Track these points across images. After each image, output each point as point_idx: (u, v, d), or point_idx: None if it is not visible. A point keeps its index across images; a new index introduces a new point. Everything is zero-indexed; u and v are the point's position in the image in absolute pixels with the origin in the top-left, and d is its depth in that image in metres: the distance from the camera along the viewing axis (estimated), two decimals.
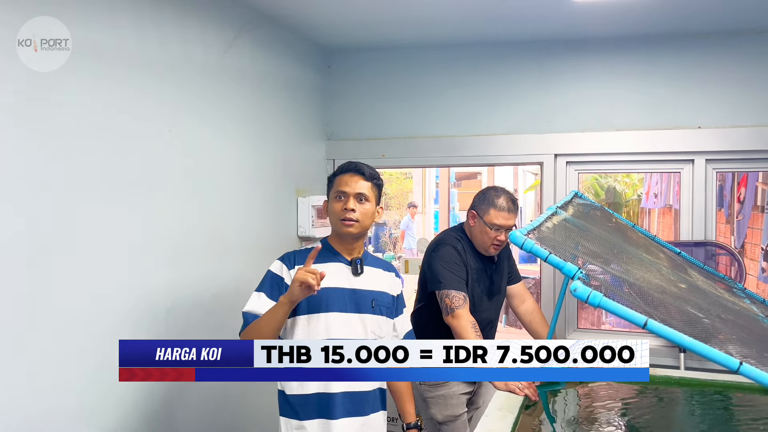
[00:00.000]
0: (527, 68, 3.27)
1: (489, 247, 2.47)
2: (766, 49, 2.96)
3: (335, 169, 2.04)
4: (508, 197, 2.47)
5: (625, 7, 2.69)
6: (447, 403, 2.50)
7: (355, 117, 3.53)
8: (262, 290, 1.92)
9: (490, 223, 2.42)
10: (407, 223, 9.62)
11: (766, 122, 2.96)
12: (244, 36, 2.68)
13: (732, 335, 1.47)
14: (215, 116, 2.51)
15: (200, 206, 2.42)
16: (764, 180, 5.06)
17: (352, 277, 1.96)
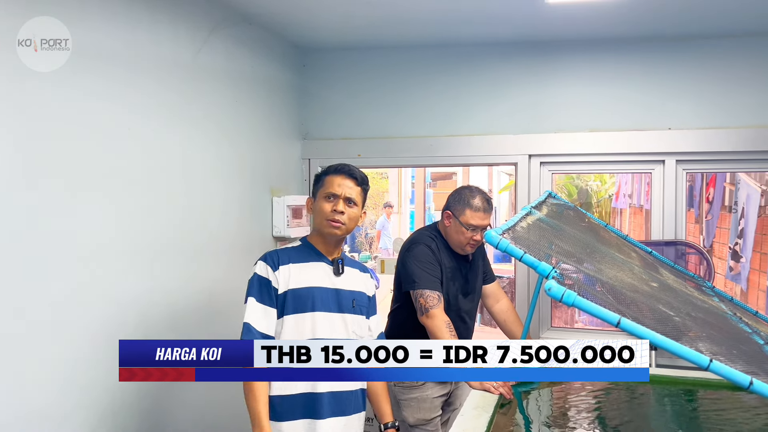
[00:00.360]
0: (502, 69, 3.29)
1: (465, 246, 2.47)
2: (733, 53, 3.03)
3: (325, 168, 2.04)
4: (483, 197, 2.48)
5: (597, 10, 2.73)
6: (420, 406, 2.50)
7: (331, 116, 3.52)
8: (253, 295, 1.91)
9: (465, 223, 2.43)
10: (383, 223, 9.62)
11: (733, 124, 3.02)
12: (217, 34, 2.65)
13: (702, 333, 1.50)
14: (188, 116, 2.47)
15: (172, 207, 2.38)
16: (731, 180, 5.17)
17: (334, 278, 1.98)
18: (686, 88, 3.08)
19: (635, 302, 1.60)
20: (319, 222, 1.96)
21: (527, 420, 2.15)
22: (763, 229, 4.68)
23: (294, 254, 1.95)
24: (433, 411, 2.51)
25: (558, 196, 2.95)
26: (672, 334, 1.35)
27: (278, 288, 1.90)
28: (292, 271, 1.91)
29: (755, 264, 4.81)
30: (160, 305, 2.29)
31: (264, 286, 1.90)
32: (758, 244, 4.74)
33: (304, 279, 1.92)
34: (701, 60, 3.07)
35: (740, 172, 4.69)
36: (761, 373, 1.33)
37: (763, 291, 4.65)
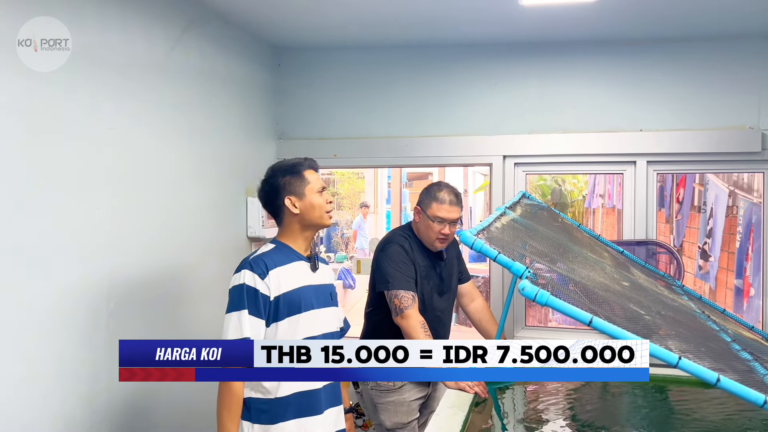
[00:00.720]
0: (477, 70, 3.32)
1: (434, 241, 2.46)
2: (702, 56, 3.09)
3: (296, 163, 1.98)
4: (450, 190, 2.48)
5: (570, 13, 2.76)
6: (396, 410, 2.48)
7: (306, 116, 3.51)
8: (246, 308, 1.82)
9: (432, 216, 2.43)
10: (359, 223, 9.61)
11: (702, 126, 3.09)
12: (191, 33, 2.62)
13: (671, 331, 1.53)
14: (161, 115, 2.45)
15: (145, 206, 2.35)
16: (701, 181, 5.28)
17: (311, 274, 1.98)
18: (657, 90, 3.14)
19: (607, 301, 1.62)
20: (319, 216, 1.96)
21: (502, 418, 2.17)
22: (730, 228, 4.79)
23: (276, 257, 1.92)
24: (410, 414, 2.50)
25: (532, 197, 2.98)
26: (642, 332, 1.37)
27: (269, 295, 1.85)
28: (280, 275, 1.88)
29: (723, 263, 4.92)
30: (132, 304, 2.26)
31: (253, 297, 1.83)
32: (726, 243, 4.85)
33: (292, 281, 1.91)
34: (672, 63, 3.13)
35: (708, 173, 4.79)
36: (728, 370, 1.36)
37: (731, 289, 4.76)
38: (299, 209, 1.95)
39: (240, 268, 1.88)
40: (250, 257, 1.91)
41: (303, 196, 1.95)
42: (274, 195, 1.96)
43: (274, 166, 2.01)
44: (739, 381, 1.28)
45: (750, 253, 4.34)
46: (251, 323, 1.80)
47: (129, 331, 2.22)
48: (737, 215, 4.64)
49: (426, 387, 2.55)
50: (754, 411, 2.06)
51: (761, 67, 3.03)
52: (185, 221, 2.61)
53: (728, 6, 2.64)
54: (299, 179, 1.96)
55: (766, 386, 1.42)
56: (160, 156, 2.45)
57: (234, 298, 1.84)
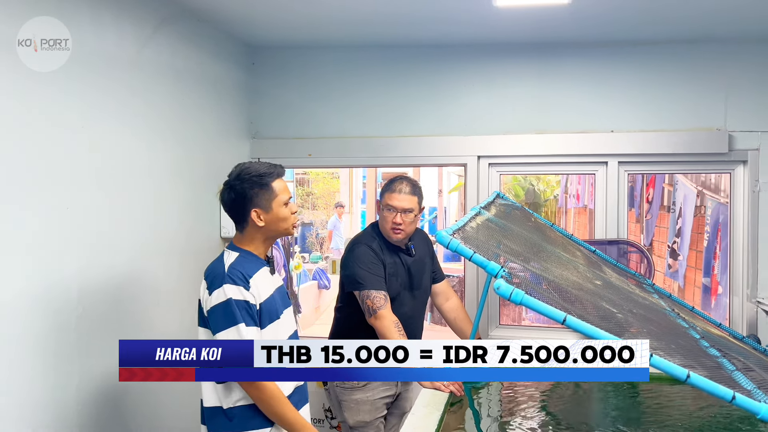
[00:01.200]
0: (453, 71, 3.33)
1: (390, 231, 2.46)
2: (672, 58, 3.15)
3: (264, 173, 1.93)
4: (404, 181, 2.49)
5: (544, 15, 2.79)
6: (359, 408, 2.48)
7: (281, 115, 3.49)
8: (241, 321, 1.78)
9: (385, 205, 2.45)
10: (335, 223, 9.58)
11: (671, 127, 3.15)
12: (163, 30, 2.58)
13: (643, 329, 1.55)
14: (132, 113, 2.41)
15: (114, 207, 2.31)
16: (670, 182, 5.38)
17: (271, 277, 1.98)
18: (628, 92, 3.19)
19: (580, 300, 1.64)
20: (285, 228, 1.95)
21: (476, 415, 2.18)
22: (698, 228, 4.89)
23: (248, 266, 1.88)
24: (373, 413, 2.49)
25: (506, 197, 3.00)
26: (615, 330, 1.39)
27: (256, 304, 1.84)
28: (258, 283, 1.86)
29: (691, 261, 5.03)
30: (102, 305, 2.23)
31: (245, 309, 1.80)
32: (694, 242, 4.96)
33: (266, 288, 1.90)
34: (642, 65, 3.18)
35: (677, 173, 4.89)
36: (698, 366, 1.39)
37: (699, 287, 4.86)
38: (265, 222, 1.91)
39: (218, 283, 1.80)
40: (223, 270, 1.83)
41: (270, 210, 1.91)
42: (239, 204, 1.91)
43: (242, 171, 1.92)
44: (708, 377, 1.31)
45: (717, 252, 4.44)
46: (252, 334, 1.77)
47: (99, 333, 2.19)
48: (705, 215, 4.74)
49: (394, 386, 2.55)
50: (721, 407, 2.12)
51: (728, 70, 3.10)
52: (157, 221, 2.57)
53: (697, 11, 2.70)
54: (267, 191, 1.91)
55: (734, 382, 1.46)
56: (131, 155, 2.41)
57: (224, 316, 1.78)
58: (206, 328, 1.86)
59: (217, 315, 1.78)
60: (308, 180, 10.59)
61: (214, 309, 1.79)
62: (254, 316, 1.81)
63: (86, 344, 2.13)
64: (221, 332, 1.77)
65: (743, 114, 3.09)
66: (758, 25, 2.88)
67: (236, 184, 1.90)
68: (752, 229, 3.09)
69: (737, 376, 1.51)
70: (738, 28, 2.95)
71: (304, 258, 8.60)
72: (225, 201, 1.94)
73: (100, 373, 2.19)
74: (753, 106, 3.08)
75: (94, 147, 2.19)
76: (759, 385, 1.44)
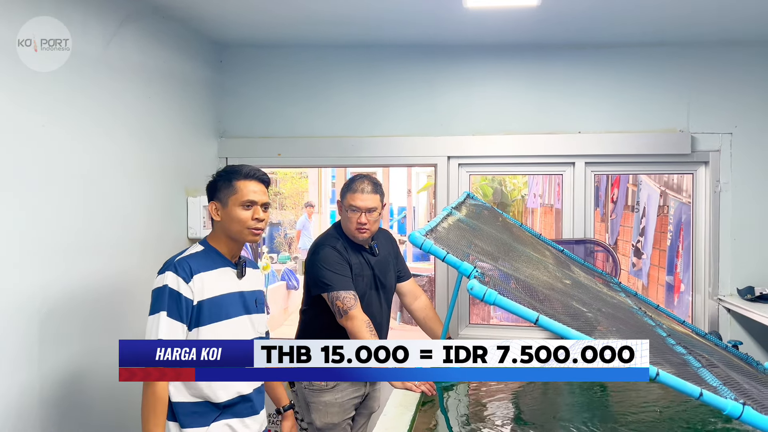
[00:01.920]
0: (422, 71, 3.34)
1: (354, 231, 2.44)
2: (637, 61, 3.21)
3: (230, 172, 1.94)
4: (365, 180, 2.46)
5: (513, 17, 2.82)
6: (327, 410, 2.47)
7: (249, 114, 3.45)
8: (164, 309, 1.78)
9: (347, 205, 2.43)
10: (303, 223, 9.51)
11: (636, 129, 3.21)
12: (129, 27, 2.53)
13: (612, 327, 1.58)
14: (97, 111, 2.35)
15: (79, 207, 2.26)
16: (634, 182, 5.50)
17: (237, 280, 1.95)
18: (595, 93, 3.25)
19: (550, 299, 1.66)
20: (238, 230, 1.91)
21: (446, 415, 2.19)
22: (661, 227, 5.00)
23: (202, 262, 1.87)
24: (341, 415, 2.48)
25: (476, 197, 3.02)
26: (585, 329, 1.40)
27: (192, 299, 1.82)
28: (204, 280, 1.85)
29: (655, 260, 5.14)
30: (67, 308, 2.17)
31: (175, 300, 1.79)
32: (657, 241, 5.07)
33: (216, 287, 1.88)
34: (609, 67, 3.24)
35: (642, 174, 4.99)
36: (665, 364, 1.41)
37: (662, 285, 4.98)
38: (221, 218, 1.91)
39: (164, 269, 1.84)
40: (176, 258, 1.86)
41: (226, 206, 1.90)
42: (208, 195, 1.97)
43: (227, 165, 2.01)
44: (676, 374, 1.33)
45: (680, 251, 4.55)
46: (168, 326, 1.78)
47: (65, 336, 2.14)
48: (668, 214, 4.85)
49: (363, 387, 2.54)
50: (687, 402, 2.17)
51: (690, 73, 3.18)
52: (123, 222, 2.52)
53: (662, 15, 2.76)
54: (228, 187, 1.91)
55: (700, 378, 1.49)
56: (96, 154, 2.35)
57: (156, 300, 1.81)
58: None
59: (152, 298, 1.82)
60: (276, 180, 10.49)
61: (152, 292, 1.83)
62: (183, 311, 1.79)
63: (50, 346, 2.08)
64: (150, 316, 1.80)
65: (705, 116, 3.17)
66: (720, 29, 2.96)
67: (213, 175, 1.97)
68: (714, 229, 3.17)
69: (703, 373, 1.55)
70: (700, 33, 3.02)
71: (273, 258, 8.53)
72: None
73: (64, 374, 2.14)
74: (714, 108, 3.16)
75: (58, 146, 2.14)
76: (724, 382, 1.48)
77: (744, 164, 3.15)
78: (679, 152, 3.16)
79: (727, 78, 3.15)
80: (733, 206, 3.15)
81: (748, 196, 3.14)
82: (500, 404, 2.29)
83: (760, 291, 2.95)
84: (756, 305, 2.87)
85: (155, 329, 1.77)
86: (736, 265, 3.14)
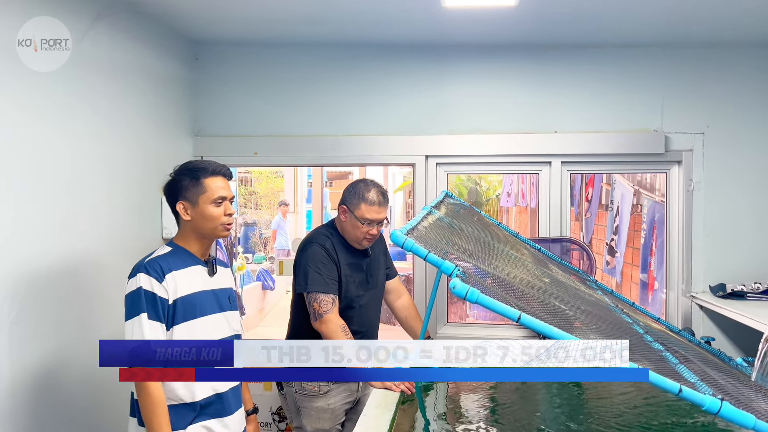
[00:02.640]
0: (401, 70, 3.33)
1: (362, 241, 2.42)
2: (613, 62, 3.25)
3: (195, 170, 1.91)
4: (378, 191, 2.42)
5: (491, 16, 2.82)
6: (319, 416, 2.43)
7: (226, 113, 3.41)
8: (144, 311, 1.77)
9: (361, 217, 2.37)
10: (278, 223, 9.43)
11: (611, 128, 3.25)
12: (102, 22, 2.47)
13: (592, 325, 1.59)
14: (69, 108, 2.29)
15: (51, 207, 2.20)
16: (608, 181, 5.57)
17: (209, 278, 1.95)
18: (571, 93, 3.28)
19: (530, 297, 1.66)
20: (212, 227, 1.92)
21: (425, 414, 2.19)
22: (635, 225, 5.08)
23: (172, 261, 1.86)
24: (333, 421, 2.44)
25: (454, 196, 3.03)
26: (565, 326, 1.41)
27: (168, 298, 1.81)
28: (177, 279, 1.84)
29: (628, 258, 5.21)
30: (39, 307, 2.12)
31: (151, 301, 1.78)
32: (631, 239, 5.14)
33: (188, 285, 1.87)
34: (585, 67, 3.27)
35: (617, 173, 5.05)
36: (644, 361, 1.43)
37: (636, 283, 5.05)
38: (191, 217, 1.90)
39: (135, 272, 1.82)
40: (145, 260, 1.84)
41: (196, 204, 1.89)
42: (172, 196, 1.93)
43: (182, 164, 1.96)
44: (655, 371, 1.34)
45: (654, 249, 4.62)
46: (151, 327, 1.76)
47: (35, 336, 2.09)
48: (641, 213, 4.92)
49: (354, 392, 2.50)
50: (659, 397, 2.21)
51: (664, 74, 3.23)
52: (96, 221, 2.46)
53: (637, 17, 2.79)
54: (196, 185, 1.90)
55: (678, 375, 1.51)
56: (69, 152, 2.30)
57: (132, 304, 1.78)
58: None
59: (127, 303, 1.79)
60: (251, 179, 10.40)
61: (126, 297, 1.80)
62: (160, 311, 1.78)
63: (20, 344, 2.03)
64: (127, 321, 1.77)
65: (678, 116, 3.22)
66: (693, 31, 3.01)
67: (173, 175, 1.94)
68: (687, 227, 3.22)
69: (681, 369, 1.57)
70: (674, 34, 3.07)
71: (248, 259, 8.45)
72: (164, 193, 1.96)
73: (35, 370, 2.11)
74: (687, 108, 3.22)
75: (29, 145, 2.08)
76: (701, 378, 1.50)
77: (715, 163, 3.20)
78: (654, 152, 3.20)
79: (700, 79, 3.21)
80: (705, 205, 3.21)
81: (719, 195, 3.20)
82: (477, 400, 2.31)
83: (732, 288, 3.01)
84: (728, 302, 2.93)
85: (138, 332, 1.74)
86: (708, 263, 3.20)
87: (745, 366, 2.28)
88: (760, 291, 2.95)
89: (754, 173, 3.19)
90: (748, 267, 3.16)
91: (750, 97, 3.18)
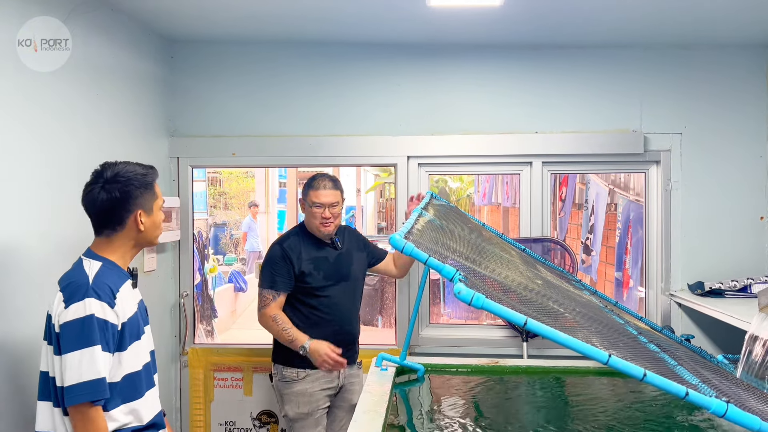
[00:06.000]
0: (382, 70, 3.29)
1: (319, 226, 2.61)
2: (593, 63, 3.27)
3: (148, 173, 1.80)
4: (326, 177, 2.66)
5: (474, 16, 2.81)
6: (299, 400, 2.59)
7: (202, 112, 3.32)
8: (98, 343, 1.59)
9: (311, 202, 2.61)
10: (249, 224, 9.28)
11: (590, 129, 3.27)
12: (75, 20, 2.37)
13: (591, 327, 1.58)
14: (39, 106, 2.20)
15: (25, 207, 2.12)
16: (582, 180, 5.62)
17: (134, 291, 1.81)
18: (552, 94, 3.28)
19: (529, 300, 1.64)
20: (157, 235, 1.84)
21: (410, 412, 2.19)
22: (609, 224, 5.14)
23: (113, 280, 1.69)
24: (312, 404, 2.60)
25: (439, 197, 3.01)
26: (568, 330, 1.39)
27: (117, 324, 1.66)
28: (123, 300, 1.70)
29: (603, 257, 5.28)
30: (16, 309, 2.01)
31: (103, 330, 1.61)
32: (606, 238, 5.20)
33: (130, 304, 1.74)
34: (566, 68, 3.28)
35: (598, 173, 5.10)
36: (647, 365, 1.42)
37: (611, 281, 5.12)
38: (145, 227, 1.77)
39: (79, 296, 1.60)
40: (87, 281, 1.63)
41: (151, 213, 1.79)
42: (120, 206, 1.73)
43: (122, 170, 1.75)
44: (657, 373, 1.33)
45: (628, 247, 4.68)
46: (105, 361, 1.60)
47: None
48: (616, 212, 4.99)
49: (335, 378, 2.65)
50: (639, 392, 2.23)
51: (643, 75, 3.26)
52: (66, 223, 2.36)
53: (618, 19, 2.81)
54: (151, 192, 1.79)
55: (680, 377, 1.50)
56: (37, 152, 2.20)
57: (81, 332, 1.57)
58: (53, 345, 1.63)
59: (70, 332, 1.58)
60: (221, 179, 10.21)
61: (68, 325, 1.58)
62: (111, 340, 1.63)
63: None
64: (73, 352, 1.57)
65: (657, 117, 3.26)
66: (671, 33, 3.05)
67: (119, 182, 1.73)
68: (665, 226, 3.26)
69: (680, 371, 1.57)
70: (654, 36, 3.10)
71: (219, 260, 8.30)
72: (100, 201, 1.72)
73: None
74: (665, 109, 3.25)
75: (1, 144, 1.98)
76: (701, 380, 1.50)
77: (693, 163, 3.25)
78: (633, 152, 3.23)
79: (678, 79, 3.25)
80: (683, 204, 3.25)
81: (696, 194, 3.25)
82: (461, 401, 2.33)
83: (710, 286, 3.05)
84: (706, 300, 2.97)
85: (92, 367, 1.57)
86: (686, 261, 3.25)
87: (726, 363, 2.31)
88: (738, 288, 3.00)
89: (731, 172, 3.24)
90: (726, 265, 3.21)
91: (727, 97, 3.24)
